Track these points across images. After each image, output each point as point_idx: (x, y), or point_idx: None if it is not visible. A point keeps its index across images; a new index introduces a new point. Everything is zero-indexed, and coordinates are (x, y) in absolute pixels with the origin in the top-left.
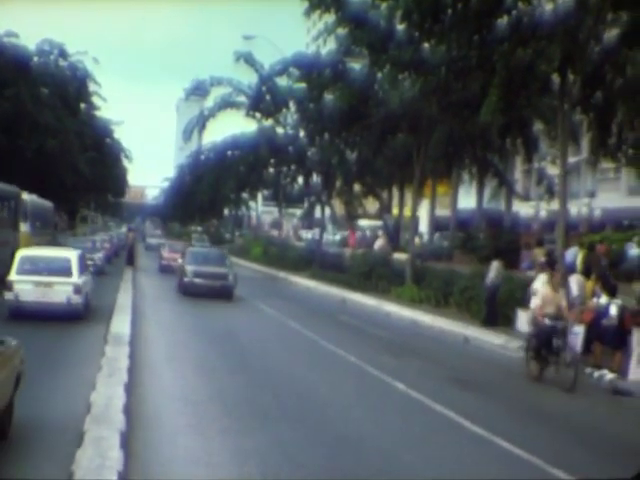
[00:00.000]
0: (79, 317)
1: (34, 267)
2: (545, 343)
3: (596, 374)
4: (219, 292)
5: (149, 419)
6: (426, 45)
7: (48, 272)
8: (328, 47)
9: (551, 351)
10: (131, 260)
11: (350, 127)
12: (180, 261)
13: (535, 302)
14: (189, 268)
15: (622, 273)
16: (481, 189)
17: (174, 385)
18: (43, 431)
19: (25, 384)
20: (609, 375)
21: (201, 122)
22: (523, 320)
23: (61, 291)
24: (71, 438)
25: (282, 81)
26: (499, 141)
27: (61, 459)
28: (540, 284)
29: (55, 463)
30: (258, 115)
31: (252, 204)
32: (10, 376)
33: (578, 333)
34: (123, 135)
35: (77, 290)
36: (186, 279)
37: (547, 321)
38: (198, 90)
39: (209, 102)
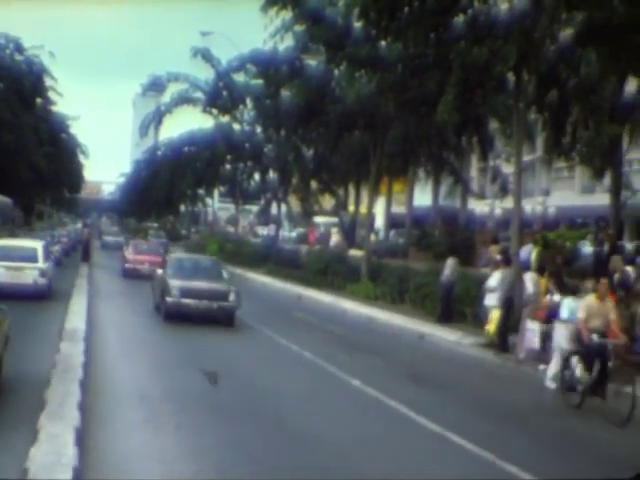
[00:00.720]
0: (44, 296)
1: (6, 254)
2: (592, 365)
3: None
4: (216, 316)
5: (104, 415)
6: (383, 43)
7: (18, 259)
8: (285, 44)
9: (598, 375)
10: (86, 256)
11: (307, 124)
12: (159, 272)
13: (579, 315)
14: (174, 283)
15: (576, 271)
16: (437, 187)
17: (129, 381)
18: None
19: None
20: None
21: (157, 118)
22: (563, 334)
23: (29, 274)
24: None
25: (239, 77)
26: (455, 139)
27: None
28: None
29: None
30: (215, 111)
31: (208, 200)
32: (2, 337)
33: (534, 330)
34: (79, 130)
35: (42, 274)
36: (170, 299)
37: (595, 338)
38: (155, 85)
39: (166, 98)
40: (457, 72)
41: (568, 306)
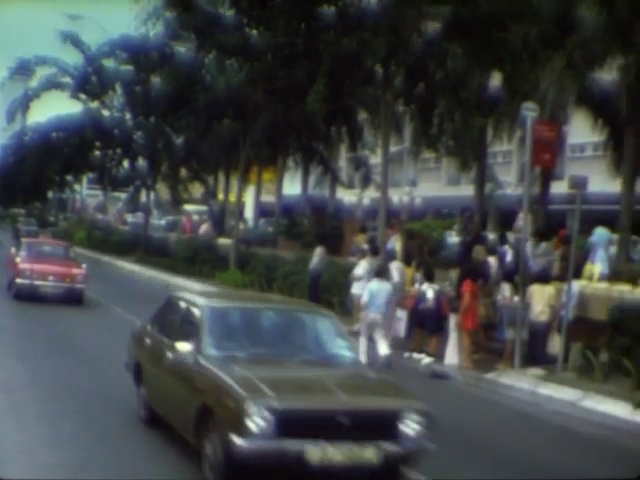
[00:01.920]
0: None
1: None
2: None
3: (415, 356)
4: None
5: None
6: (254, 31)
7: None
8: (156, 30)
9: None
10: None
11: (176, 111)
12: (184, 349)
13: None
14: (255, 409)
15: (441, 260)
16: (306, 176)
17: None
18: None
19: None
20: (427, 359)
21: (25, 102)
22: None
23: None
24: None
25: (109, 63)
26: (324, 129)
27: None
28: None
29: None
30: (84, 97)
31: (77, 187)
32: None
33: (401, 318)
34: None
35: None
36: (244, 444)
37: None
38: (22, 69)
39: (34, 82)
40: (327, 63)
41: (370, 289)
